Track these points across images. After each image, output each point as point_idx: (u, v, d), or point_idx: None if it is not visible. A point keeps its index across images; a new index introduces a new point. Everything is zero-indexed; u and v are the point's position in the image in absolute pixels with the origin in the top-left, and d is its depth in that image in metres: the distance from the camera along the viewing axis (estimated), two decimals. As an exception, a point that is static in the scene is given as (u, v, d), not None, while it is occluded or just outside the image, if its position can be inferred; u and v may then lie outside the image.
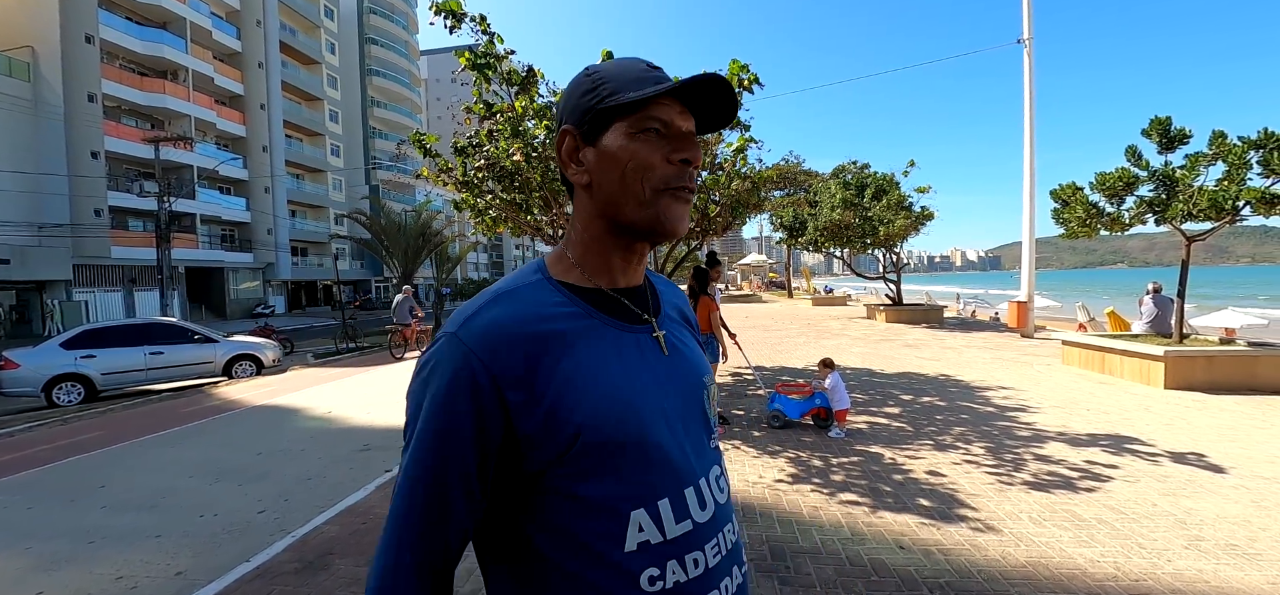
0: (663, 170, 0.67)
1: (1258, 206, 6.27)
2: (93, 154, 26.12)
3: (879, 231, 15.63)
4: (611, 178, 0.67)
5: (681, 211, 0.68)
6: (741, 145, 6.25)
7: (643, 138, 0.66)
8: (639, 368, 0.68)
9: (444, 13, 5.12)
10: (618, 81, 0.67)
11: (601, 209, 0.69)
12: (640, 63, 0.70)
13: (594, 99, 0.67)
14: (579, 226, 0.72)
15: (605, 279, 0.72)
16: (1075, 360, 8.27)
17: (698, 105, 0.69)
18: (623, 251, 0.72)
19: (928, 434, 5.08)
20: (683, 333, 0.80)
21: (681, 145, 0.67)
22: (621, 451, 0.63)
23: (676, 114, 0.68)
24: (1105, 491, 3.68)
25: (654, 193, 0.67)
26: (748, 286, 41.34)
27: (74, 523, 3.93)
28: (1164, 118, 6.96)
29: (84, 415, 8.07)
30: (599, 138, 0.68)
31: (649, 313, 0.74)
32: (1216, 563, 2.78)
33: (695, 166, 0.69)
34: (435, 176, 6.48)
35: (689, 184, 0.68)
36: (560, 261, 0.72)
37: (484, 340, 0.62)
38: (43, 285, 23.89)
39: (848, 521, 3.35)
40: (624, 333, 0.70)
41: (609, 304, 0.71)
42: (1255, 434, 4.85)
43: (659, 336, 0.73)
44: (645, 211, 0.67)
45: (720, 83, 0.67)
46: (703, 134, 0.73)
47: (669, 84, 0.66)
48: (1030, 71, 12.52)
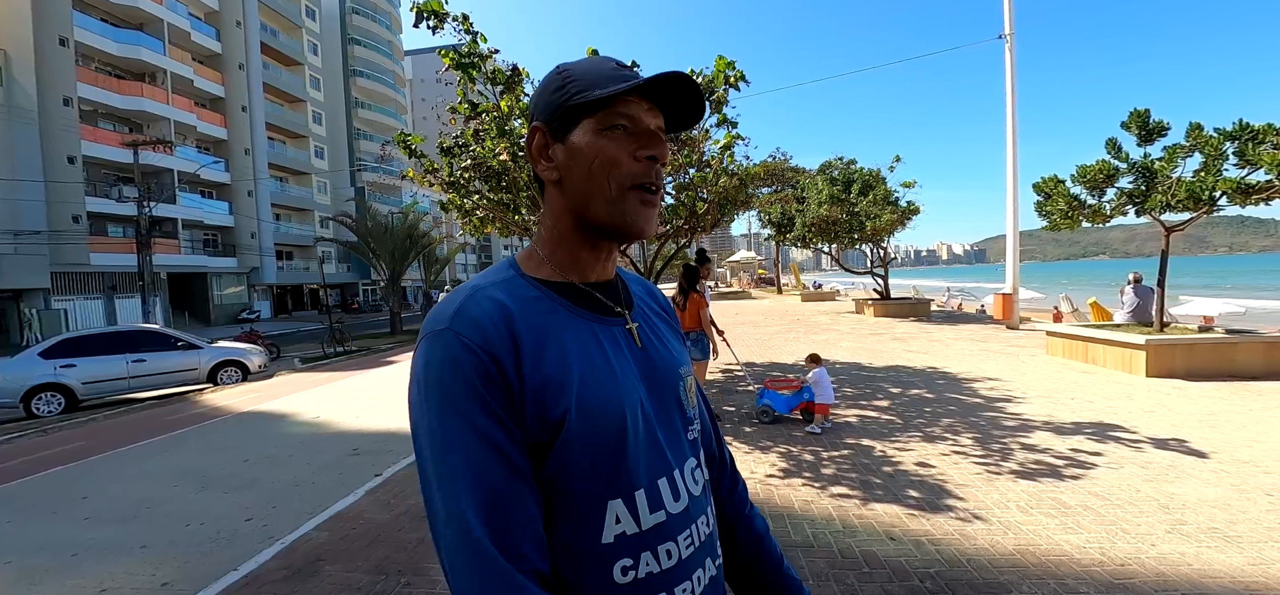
0: (629, 166, 0.67)
1: (1233, 196, 6.40)
2: (69, 159, 25.55)
3: (866, 226, 15.75)
4: (579, 174, 0.68)
5: (648, 213, 0.69)
6: (729, 142, 6.26)
7: (610, 135, 0.67)
8: (614, 359, 0.69)
9: (426, 13, 5.07)
10: (587, 80, 0.68)
11: (570, 205, 0.70)
12: (610, 62, 0.70)
13: (563, 96, 0.68)
14: (549, 223, 0.73)
15: (576, 274, 0.73)
16: (1059, 350, 8.40)
17: (666, 103, 0.70)
18: (591, 248, 0.73)
19: (917, 426, 5.13)
20: (658, 325, 0.81)
21: (648, 142, 0.68)
22: (601, 442, 0.64)
23: (644, 111, 0.68)
24: (1090, 478, 3.74)
25: (620, 190, 0.67)
26: (737, 284, 41.46)
27: (56, 535, 3.85)
28: (1143, 110, 7.09)
29: (64, 426, 7.91)
30: (568, 135, 0.69)
31: (621, 305, 0.75)
32: (1198, 546, 2.84)
33: (661, 163, 0.70)
34: (421, 177, 6.42)
35: (655, 182, 0.69)
36: (531, 258, 0.73)
37: (471, 326, 0.61)
38: (19, 294, 23.34)
39: (839, 514, 3.37)
40: (598, 325, 0.71)
41: (581, 297, 0.72)
42: (1234, 419, 4.96)
43: (631, 328, 0.74)
44: (612, 209, 0.68)
45: (686, 81, 0.67)
46: (672, 132, 0.74)
47: (636, 81, 0.67)
48: (1011, 66, 12.68)
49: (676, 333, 0.85)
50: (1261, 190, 6.28)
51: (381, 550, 3.25)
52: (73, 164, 25.64)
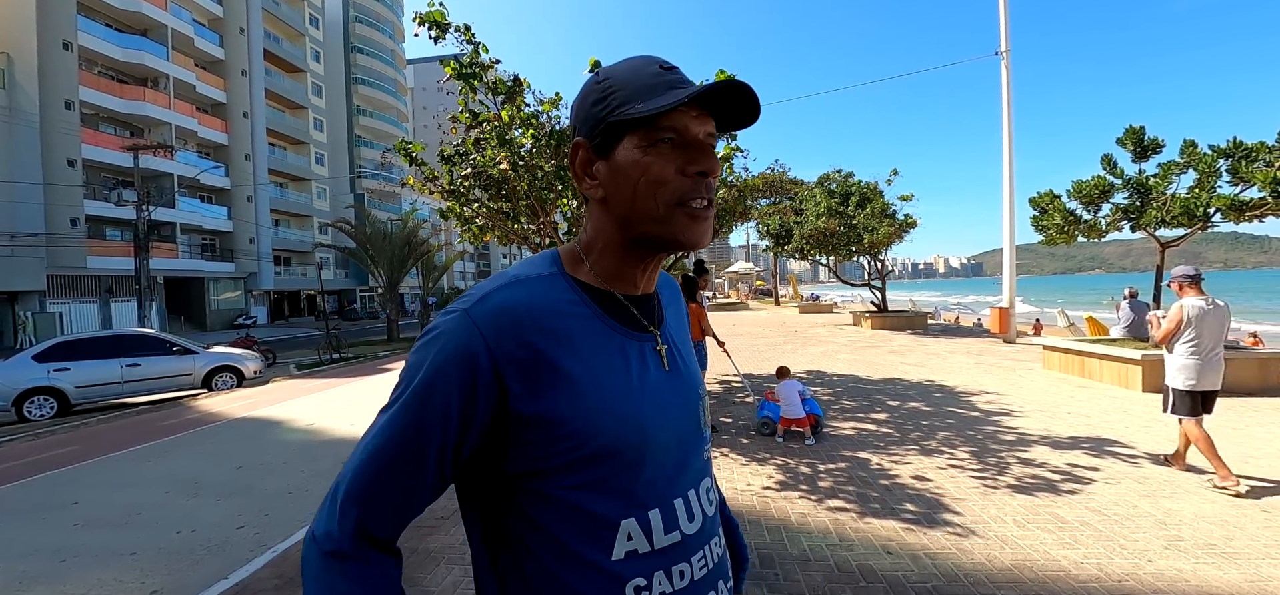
0: (677, 184, 0.63)
1: (1227, 213, 6.46)
2: (69, 162, 25.53)
3: (863, 239, 15.82)
4: (625, 193, 0.64)
5: (700, 228, 0.65)
6: (727, 154, 6.30)
7: (656, 150, 0.63)
8: (641, 378, 0.68)
9: (428, 24, 5.10)
10: (629, 89, 0.63)
11: (617, 223, 0.67)
12: (653, 64, 0.66)
13: (604, 109, 0.64)
14: (593, 231, 0.70)
15: (619, 285, 0.70)
16: (1056, 365, 8.41)
17: (715, 107, 0.66)
18: (638, 262, 0.70)
19: (913, 439, 5.12)
20: (684, 345, 0.79)
21: (697, 156, 0.64)
22: (619, 459, 0.63)
23: (692, 119, 0.64)
24: (1087, 494, 3.74)
25: (669, 208, 0.64)
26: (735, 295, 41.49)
27: (45, 541, 3.81)
28: (1138, 127, 7.16)
29: (57, 430, 7.84)
30: (611, 151, 0.65)
31: (654, 324, 0.73)
32: (1196, 562, 2.83)
33: (713, 177, 0.65)
34: (421, 185, 6.43)
35: (706, 196, 0.65)
36: (573, 259, 0.71)
37: (493, 322, 0.61)
38: (15, 296, 23.23)
39: (836, 527, 3.36)
40: (629, 340, 0.69)
41: (618, 310, 0.70)
42: (1230, 435, 4.95)
43: (661, 350, 0.72)
44: (661, 228, 0.65)
45: (740, 88, 0.63)
46: (723, 133, 0.69)
47: (684, 95, 0.61)
48: (1008, 82, 12.80)
49: (690, 344, 0.84)
50: (1255, 207, 6.34)
51: (374, 559, 3.22)
52: (72, 167, 25.63)
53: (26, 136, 24.17)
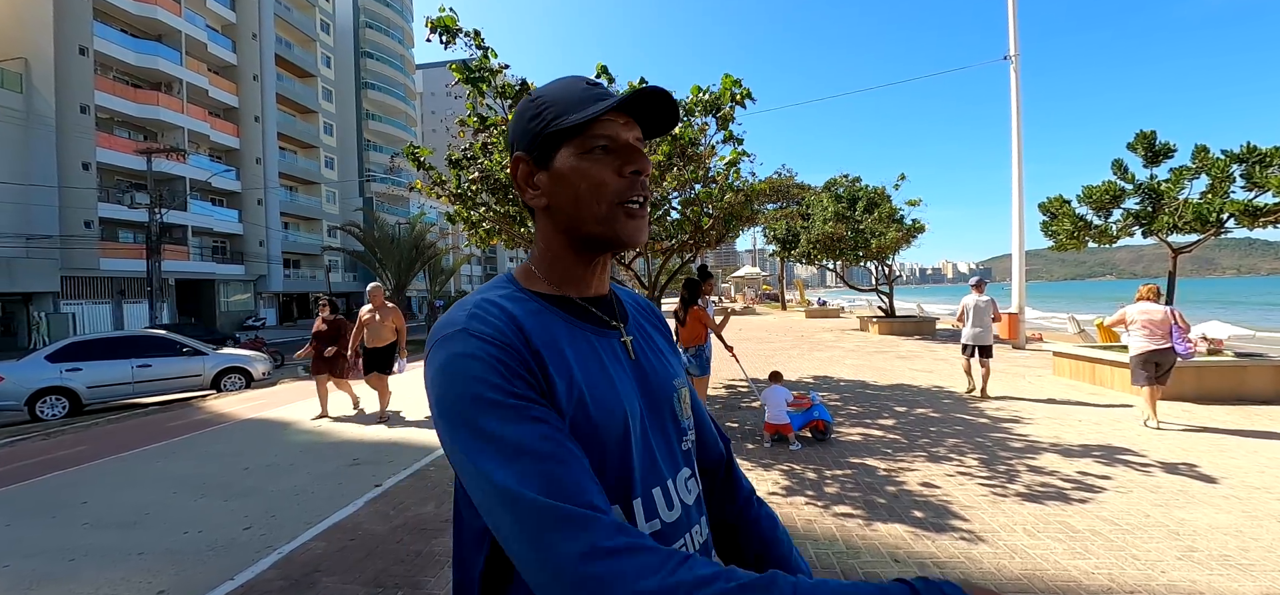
0: (615, 184, 0.69)
1: (1241, 218, 6.37)
2: (84, 165, 25.92)
3: (871, 244, 15.74)
4: (567, 198, 0.70)
5: (638, 224, 0.71)
6: (734, 159, 6.29)
7: (592, 157, 0.68)
8: (612, 369, 0.71)
9: (439, 29, 5.14)
10: (561, 104, 0.69)
11: (562, 228, 0.72)
12: (580, 82, 0.72)
13: (540, 124, 0.70)
14: (542, 244, 0.75)
15: (572, 289, 0.74)
16: (1066, 371, 8.31)
17: (640, 114, 0.72)
18: (586, 264, 0.74)
19: (921, 446, 5.07)
20: (653, 337, 0.83)
21: (630, 158, 0.70)
22: (603, 449, 0.65)
23: (620, 127, 0.70)
24: (1098, 502, 3.68)
25: (610, 207, 0.69)
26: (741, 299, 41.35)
27: (54, 540, 3.84)
28: (1149, 132, 7.09)
29: (68, 429, 7.93)
30: (550, 161, 0.70)
31: (616, 319, 0.77)
32: (1210, 573, 2.78)
33: (645, 175, 0.71)
34: (429, 189, 6.47)
35: (642, 195, 0.71)
36: (527, 275, 0.75)
37: (485, 325, 0.63)
38: (29, 297, 23.57)
39: (842, 534, 3.33)
40: (595, 337, 0.72)
41: (578, 311, 0.73)
42: (1245, 444, 4.87)
43: (626, 342, 0.76)
44: (604, 228, 0.70)
45: (659, 93, 0.69)
46: (649, 139, 0.75)
47: (611, 101, 0.68)
48: (1017, 87, 12.72)
49: (671, 345, 0.86)
50: (1269, 212, 6.25)
51: (379, 562, 3.22)
52: (87, 170, 26.02)
53: (43, 139, 24.58)
